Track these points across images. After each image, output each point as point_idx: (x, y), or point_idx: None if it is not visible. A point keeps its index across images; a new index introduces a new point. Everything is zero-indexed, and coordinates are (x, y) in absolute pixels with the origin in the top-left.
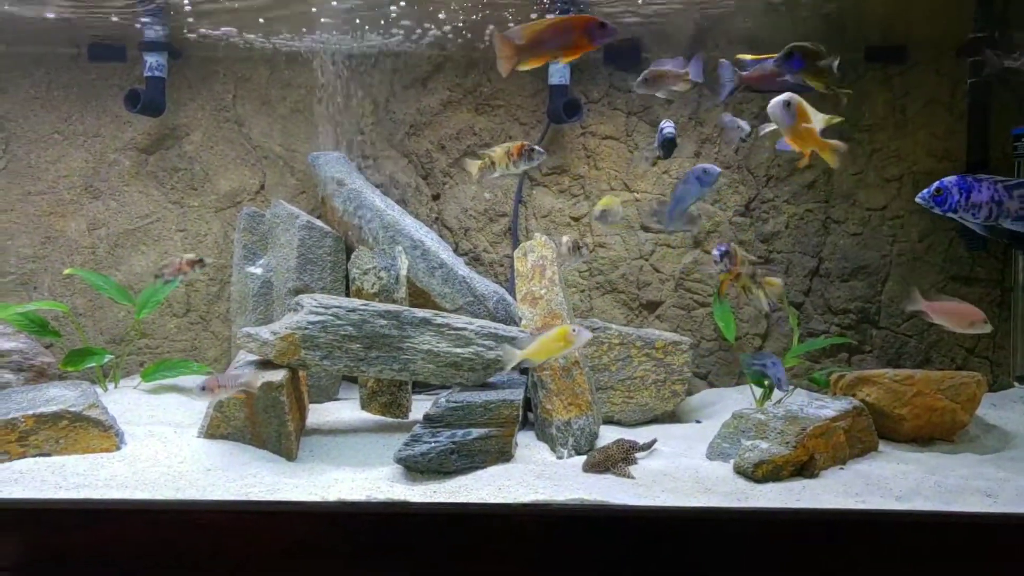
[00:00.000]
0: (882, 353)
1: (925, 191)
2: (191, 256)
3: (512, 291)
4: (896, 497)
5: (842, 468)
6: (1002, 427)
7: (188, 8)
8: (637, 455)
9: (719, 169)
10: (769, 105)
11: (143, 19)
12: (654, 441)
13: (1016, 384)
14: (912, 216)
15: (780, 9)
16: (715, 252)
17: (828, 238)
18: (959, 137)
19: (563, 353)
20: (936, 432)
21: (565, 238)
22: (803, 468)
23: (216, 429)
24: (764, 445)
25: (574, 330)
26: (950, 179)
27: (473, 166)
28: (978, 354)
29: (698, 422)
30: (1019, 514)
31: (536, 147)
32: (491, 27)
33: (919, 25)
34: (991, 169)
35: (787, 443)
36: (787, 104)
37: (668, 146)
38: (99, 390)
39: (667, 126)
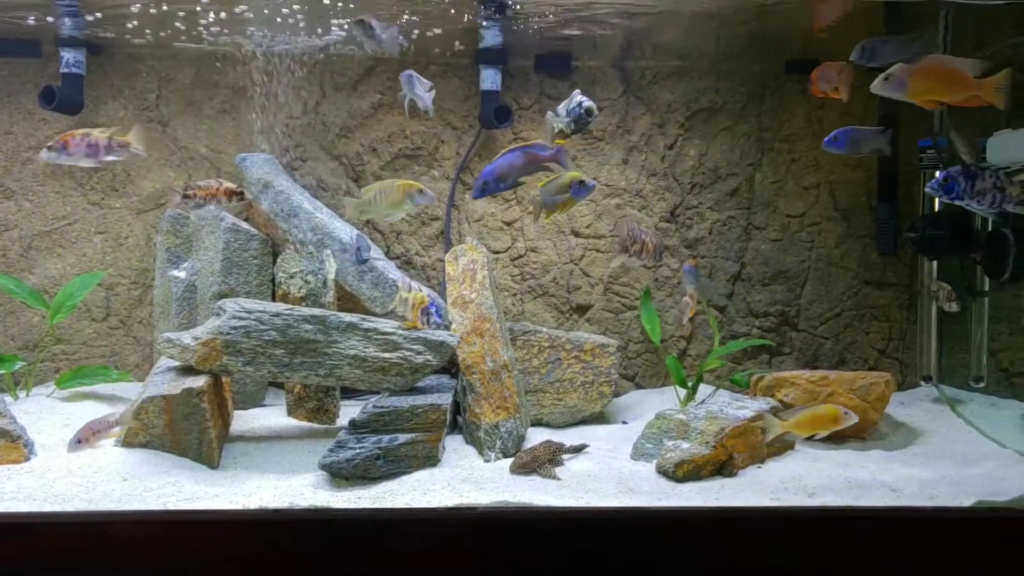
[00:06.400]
0: (800, 355)
1: (934, 180)
2: (231, 185)
3: (445, 295)
4: (808, 494)
5: (760, 467)
6: (909, 424)
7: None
8: (564, 456)
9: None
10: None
11: (60, 14)
12: (584, 445)
13: (922, 383)
14: (828, 223)
15: (705, 22)
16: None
17: (750, 243)
18: None
19: (830, 430)
20: (849, 430)
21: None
22: (722, 467)
23: (134, 438)
24: (685, 445)
25: (844, 412)
26: (956, 168)
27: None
28: (888, 355)
29: (624, 423)
30: (920, 507)
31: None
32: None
33: (832, 41)
34: (900, 178)
35: (707, 443)
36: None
37: (582, 121)
38: (8, 399)
39: (585, 99)
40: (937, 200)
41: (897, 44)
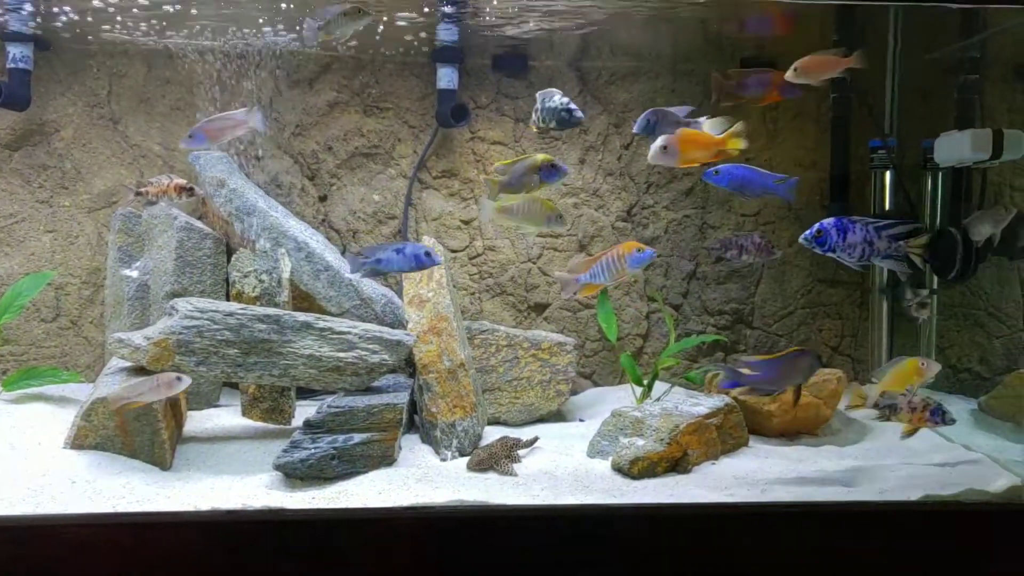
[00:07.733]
0: (755, 352)
1: (808, 232)
2: (181, 181)
3: (402, 294)
4: (761, 490)
5: (714, 463)
6: (861, 420)
7: None
8: (520, 452)
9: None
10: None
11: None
12: (536, 439)
13: (874, 380)
14: (782, 222)
15: (660, 23)
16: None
17: (705, 242)
18: (824, 148)
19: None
20: (802, 426)
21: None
22: (677, 464)
23: (84, 439)
24: (640, 442)
25: (923, 363)
26: (829, 221)
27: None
28: (841, 352)
29: (581, 421)
30: (870, 501)
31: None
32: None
33: (787, 41)
34: (852, 178)
35: (662, 440)
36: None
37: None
38: None
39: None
40: (888, 200)
41: (678, 116)
